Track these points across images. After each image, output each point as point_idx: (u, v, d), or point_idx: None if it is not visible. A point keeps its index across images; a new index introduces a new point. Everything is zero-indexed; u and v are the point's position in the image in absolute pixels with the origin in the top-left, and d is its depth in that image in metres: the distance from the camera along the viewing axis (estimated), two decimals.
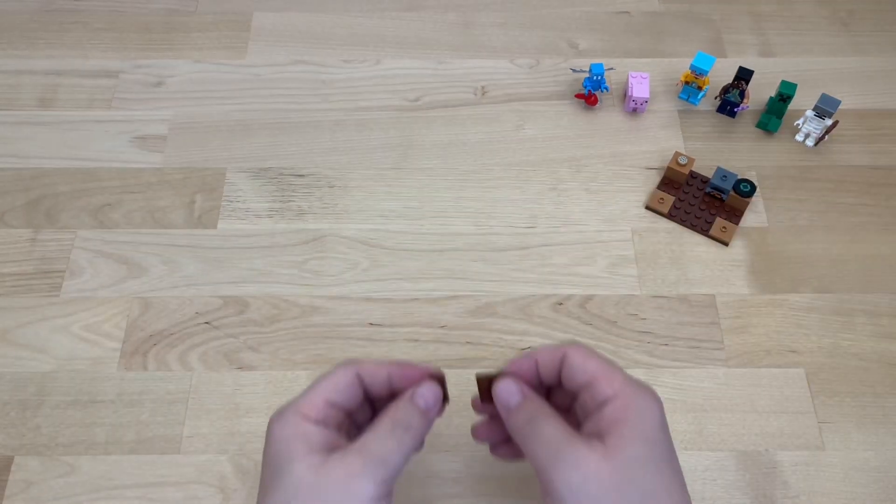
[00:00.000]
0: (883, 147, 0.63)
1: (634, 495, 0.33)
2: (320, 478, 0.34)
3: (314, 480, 0.34)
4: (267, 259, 0.58)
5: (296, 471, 0.34)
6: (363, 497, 0.33)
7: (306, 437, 0.35)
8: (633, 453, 0.34)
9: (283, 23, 0.71)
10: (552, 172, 0.62)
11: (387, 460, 0.35)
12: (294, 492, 0.34)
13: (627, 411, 0.35)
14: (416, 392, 0.37)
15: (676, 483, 0.35)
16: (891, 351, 0.54)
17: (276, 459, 0.35)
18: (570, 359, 0.37)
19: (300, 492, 0.34)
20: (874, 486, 0.49)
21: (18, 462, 0.50)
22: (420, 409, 0.37)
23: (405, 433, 0.36)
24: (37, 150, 0.63)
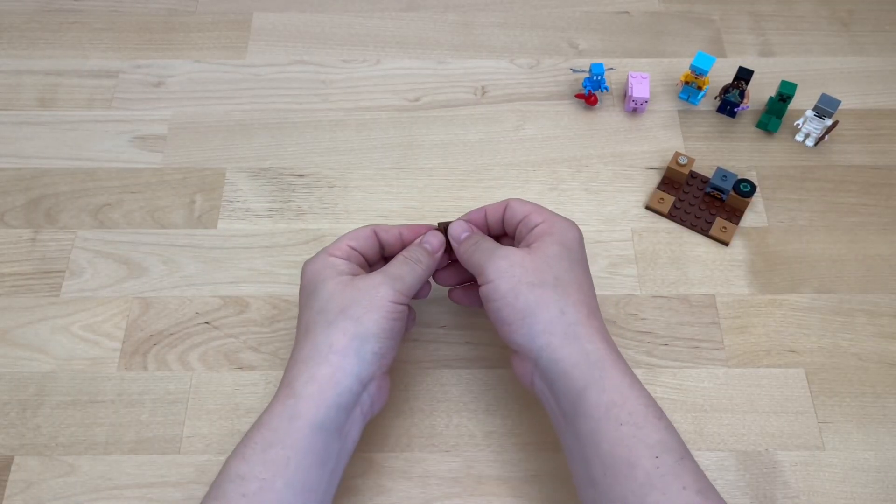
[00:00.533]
0: (883, 147, 0.63)
1: (549, 276, 0.42)
2: (348, 288, 0.43)
3: (344, 290, 0.43)
4: (267, 259, 0.58)
5: (328, 286, 0.43)
6: (384, 298, 0.42)
7: (334, 266, 0.44)
8: (552, 251, 0.43)
9: (283, 23, 0.71)
10: (552, 172, 0.62)
11: (403, 277, 0.44)
12: (328, 297, 0.43)
13: (552, 228, 0.45)
14: (424, 238, 0.47)
15: (585, 278, 0.44)
16: (891, 351, 0.54)
17: (309, 285, 0.44)
18: (510, 204, 0.47)
19: (333, 297, 0.43)
20: (874, 486, 0.49)
21: (18, 462, 0.50)
22: (427, 250, 0.46)
23: (416, 264, 0.45)
24: (37, 150, 0.63)
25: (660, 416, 0.39)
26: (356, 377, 0.41)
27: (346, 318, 0.42)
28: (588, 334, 0.41)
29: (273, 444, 0.39)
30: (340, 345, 0.41)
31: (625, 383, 0.40)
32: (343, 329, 0.42)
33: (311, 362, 0.41)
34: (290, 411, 0.40)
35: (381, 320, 0.42)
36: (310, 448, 0.40)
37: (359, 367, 0.41)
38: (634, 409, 0.39)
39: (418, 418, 0.51)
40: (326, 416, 0.40)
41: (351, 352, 0.41)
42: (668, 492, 0.37)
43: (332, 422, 0.41)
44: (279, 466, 0.39)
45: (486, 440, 0.51)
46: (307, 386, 0.41)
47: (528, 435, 0.51)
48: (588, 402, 0.39)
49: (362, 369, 0.41)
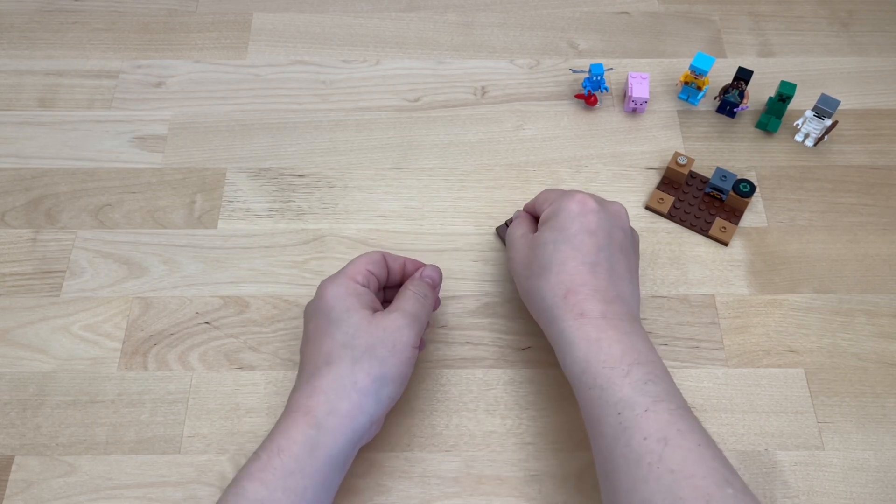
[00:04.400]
0: (882, 147, 0.63)
1: (535, 266, 0.47)
2: (373, 326, 0.44)
3: (369, 327, 0.44)
4: (267, 259, 0.58)
5: (354, 319, 0.44)
6: (407, 343, 0.44)
7: (358, 295, 0.45)
8: (541, 238, 0.47)
9: (283, 23, 0.71)
10: (552, 172, 0.62)
11: (419, 317, 0.46)
12: (354, 333, 0.44)
13: (551, 212, 0.48)
14: (423, 273, 0.50)
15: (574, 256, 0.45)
16: (890, 351, 0.54)
17: (333, 311, 0.45)
18: (540, 194, 0.52)
19: (360, 333, 0.44)
20: (873, 486, 0.49)
21: (19, 462, 0.50)
22: (428, 284, 0.49)
23: (424, 299, 0.48)
24: (37, 151, 0.63)
25: (626, 373, 0.41)
26: (370, 417, 0.43)
27: (371, 357, 0.43)
28: (562, 314, 0.44)
29: (294, 473, 0.40)
30: (363, 384, 0.43)
31: (591, 350, 0.42)
32: (368, 369, 0.43)
33: (334, 395, 0.42)
34: (312, 442, 0.41)
35: (402, 366, 0.44)
36: (324, 478, 0.41)
37: (374, 407, 0.43)
38: (598, 373, 0.42)
39: (418, 418, 0.51)
40: (342, 450, 0.42)
41: (371, 392, 0.43)
42: (631, 443, 0.39)
43: (344, 455, 0.42)
44: (297, 495, 0.40)
45: (486, 440, 0.51)
46: (329, 418, 0.42)
47: (528, 435, 0.51)
48: (569, 372, 0.44)
49: (376, 410, 0.43)
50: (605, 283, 0.45)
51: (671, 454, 0.38)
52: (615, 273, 0.46)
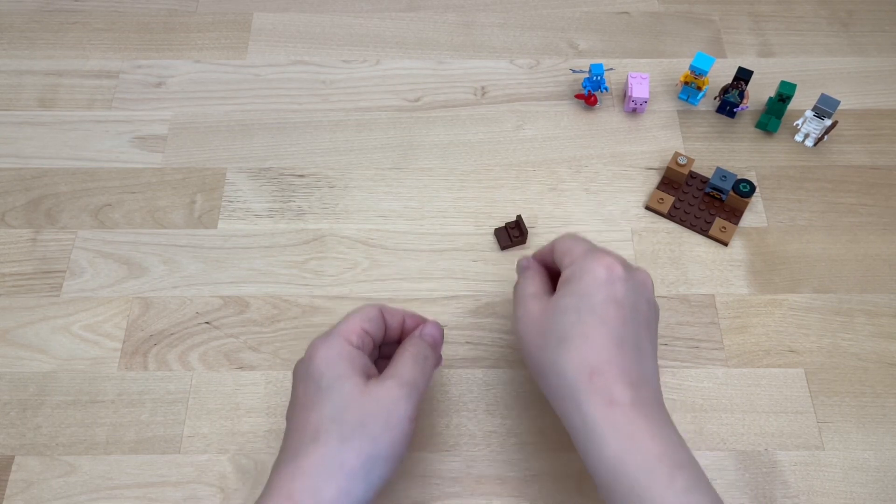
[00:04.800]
0: (882, 147, 0.63)
1: (552, 339, 0.40)
2: (365, 397, 0.40)
3: (361, 399, 0.39)
4: (267, 259, 0.58)
5: (345, 388, 0.40)
6: (403, 416, 0.40)
7: (351, 358, 0.41)
8: (561, 304, 0.41)
9: (283, 23, 0.71)
10: (552, 172, 0.62)
11: (417, 385, 0.41)
12: (344, 405, 0.39)
13: (573, 274, 0.42)
14: (424, 331, 0.45)
15: (599, 330, 0.40)
16: (890, 351, 0.54)
17: (323, 377, 0.40)
18: (556, 245, 0.46)
19: (350, 405, 0.39)
20: (873, 486, 0.49)
21: (19, 462, 0.50)
22: (429, 343, 0.44)
23: (425, 362, 0.43)
24: (37, 151, 0.63)
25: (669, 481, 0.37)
26: (359, 501, 0.39)
27: (362, 434, 0.39)
28: (586, 398, 0.39)
29: None
30: (352, 466, 0.38)
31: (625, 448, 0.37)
32: (358, 449, 0.39)
33: (319, 478, 0.38)
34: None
35: (396, 444, 0.40)
36: None
37: (364, 492, 0.39)
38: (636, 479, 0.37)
39: (418, 418, 0.51)
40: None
41: (360, 475, 0.39)
42: None
43: None
44: None
45: (486, 440, 0.51)
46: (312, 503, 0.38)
47: (528, 435, 0.51)
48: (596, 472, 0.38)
49: (367, 493, 0.39)
50: (631, 363, 0.40)
51: None
52: (641, 351, 0.41)
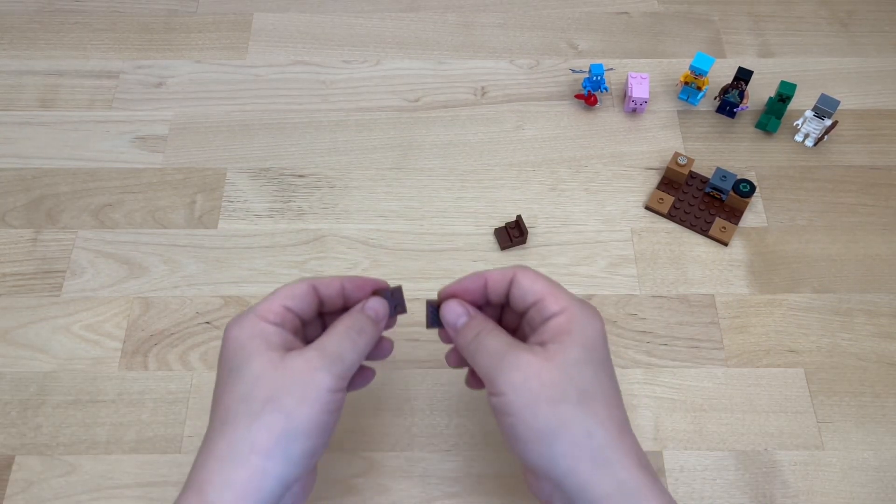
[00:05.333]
0: (882, 147, 0.63)
1: (572, 391, 0.35)
2: (279, 371, 0.36)
3: (274, 373, 0.36)
4: (267, 259, 0.58)
5: (255, 365, 0.36)
6: (321, 388, 0.36)
7: (265, 335, 0.37)
8: (573, 356, 0.36)
9: (283, 23, 0.71)
10: (552, 172, 0.62)
11: (343, 357, 0.37)
12: (254, 382, 0.36)
13: (571, 323, 0.37)
14: (367, 304, 0.40)
15: (611, 387, 0.37)
16: (890, 351, 0.54)
17: (234, 357, 0.37)
18: (518, 280, 0.39)
19: (260, 381, 0.36)
20: (873, 486, 0.49)
21: (19, 461, 0.50)
22: (370, 317, 0.40)
23: (358, 335, 0.38)
24: (38, 151, 0.63)
25: None
26: (280, 481, 0.35)
27: (273, 410, 0.35)
28: (620, 459, 0.35)
29: None
30: (264, 445, 0.35)
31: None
32: (269, 425, 0.35)
33: (228, 463, 0.35)
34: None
35: (315, 415, 0.35)
36: None
37: (284, 469, 0.35)
38: None
39: (418, 418, 0.51)
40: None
41: (277, 453, 0.35)
42: None
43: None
44: None
45: (486, 440, 0.51)
46: (222, 493, 0.34)
47: None
48: None
49: (288, 472, 0.35)
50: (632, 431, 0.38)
51: None
52: None
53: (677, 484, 0.49)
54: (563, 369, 0.36)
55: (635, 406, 0.52)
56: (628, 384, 0.53)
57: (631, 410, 0.51)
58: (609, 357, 0.39)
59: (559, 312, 0.38)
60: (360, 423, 0.51)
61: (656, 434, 0.51)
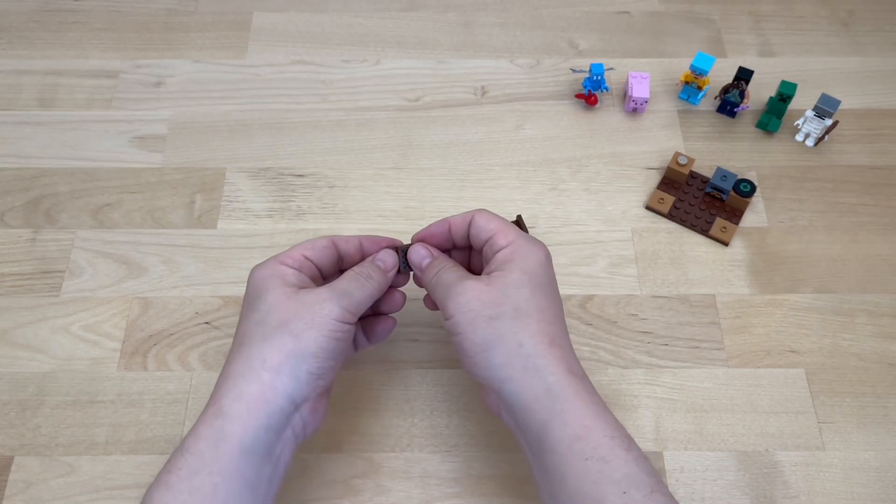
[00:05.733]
0: (883, 147, 0.63)
1: (508, 308, 0.40)
2: (291, 301, 0.40)
3: (287, 302, 0.40)
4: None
5: (271, 296, 0.41)
6: (329, 316, 0.40)
7: (282, 275, 0.42)
8: (511, 279, 0.41)
9: (283, 23, 0.71)
10: (552, 172, 0.62)
11: (351, 294, 0.42)
12: (268, 310, 0.40)
13: (514, 254, 0.42)
14: (377, 256, 0.45)
15: (548, 306, 0.41)
16: (891, 351, 0.54)
17: (253, 292, 0.42)
18: (475, 220, 0.44)
19: (274, 309, 0.40)
20: (874, 486, 0.49)
21: (18, 462, 0.50)
22: (379, 267, 0.44)
23: (367, 280, 0.43)
24: (37, 150, 0.63)
25: (628, 448, 0.38)
26: (288, 397, 0.39)
27: (284, 332, 0.39)
28: (549, 365, 0.39)
29: (199, 471, 0.37)
30: (274, 361, 0.39)
31: (589, 414, 0.38)
32: (280, 345, 0.39)
33: (241, 378, 0.39)
34: (217, 433, 0.37)
35: (322, 339, 0.39)
36: (239, 473, 0.37)
37: (292, 386, 0.39)
38: (600, 443, 0.37)
39: (418, 418, 0.51)
40: (256, 438, 0.38)
41: (285, 370, 0.39)
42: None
43: (261, 444, 0.38)
44: (206, 494, 0.36)
45: (486, 440, 0.51)
46: (235, 404, 0.38)
47: None
48: (552, 437, 0.38)
49: (296, 389, 0.39)
50: (570, 344, 0.42)
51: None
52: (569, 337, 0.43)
53: (678, 484, 0.49)
54: (502, 290, 0.40)
55: (635, 406, 0.52)
56: (628, 384, 0.52)
57: (631, 411, 0.51)
58: (552, 282, 0.43)
59: (506, 245, 0.42)
60: (360, 423, 0.51)
61: (657, 434, 0.51)
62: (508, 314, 0.40)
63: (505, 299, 0.40)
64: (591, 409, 0.38)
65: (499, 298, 0.40)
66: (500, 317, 0.40)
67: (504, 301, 0.40)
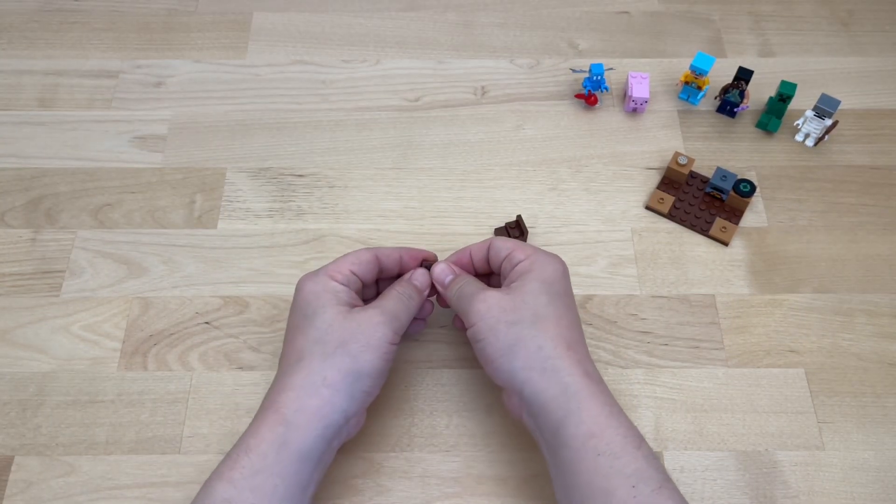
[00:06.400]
0: (883, 147, 0.63)
1: (527, 314, 0.43)
2: (348, 321, 0.43)
3: (344, 322, 0.43)
4: (267, 259, 0.58)
5: (327, 315, 0.44)
6: (383, 339, 0.43)
7: (335, 292, 0.45)
8: (530, 288, 0.44)
9: (283, 23, 0.71)
10: (552, 172, 0.62)
11: (398, 316, 0.45)
12: (326, 328, 0.43)
13: (533, 265, 0.45)
14: (413, 276, 0.49)
15: (565, 313, 0.44)
16: (891, 351, 0.54)
17: (307, 308, 0.44)
18: (493, 243, 0.48)
19: (332, 329, 0.43)
20: (874, 486, 0.49)
21: (18, 462, 0.50)
22: (416, 286, 0.48)
23: (409, 300, 0.47)
24: (37, 150, 0.63)
25: (638, 445, 0.40)
26: (343, 413, 0.42)
27: (343, 353, 0.43)
28: (566, 367, 0.42)
29: (261, 471, 0.40)
30: (334, 380, 0.42)
31: (603, 413, 0.41)
32: (339, 365, 0.42)
33: (303, 392, 0.42)
34: (280, 439, 0.41)
35: (377, 361, 0.43)
36: (296, 476, 0.41)
37: (347, 403, 0.42)
38: (612, 440, 0.40)
39: (418, 418, 0.51)
40: (312, 447, 0.41)
41: (343, 388, 0.42)
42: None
43: (315, 451, 0.42)
44: (266, 493, 0.40)
45: (485, 440, 0.51)
46: (297, 415, 0.41)
47: (528, 435, 0.51)
48: (567, 433, 0.40)
49: (350, 406, 0.43)
50: (586, 350, 0.45)
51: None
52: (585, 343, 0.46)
53: (678, 484, 0.49)
54: (521, 297, 0.44)
55: (635, 406, 0.52)
56: (628, 384, 0.53)
57: (631, 410, 0.51)
58: (569, 292, 0.46)
59: (524, 259, 0.46)
60: None
61: (657, 434, 0.51)
62: (528, 319, 0.43)
63: (524, 306, 0.43)
64: (605, 409, 0.41)
65: (518, 305, 0.43)
66: (519, 322, 0.43)
67: (523, 307, 0.43)
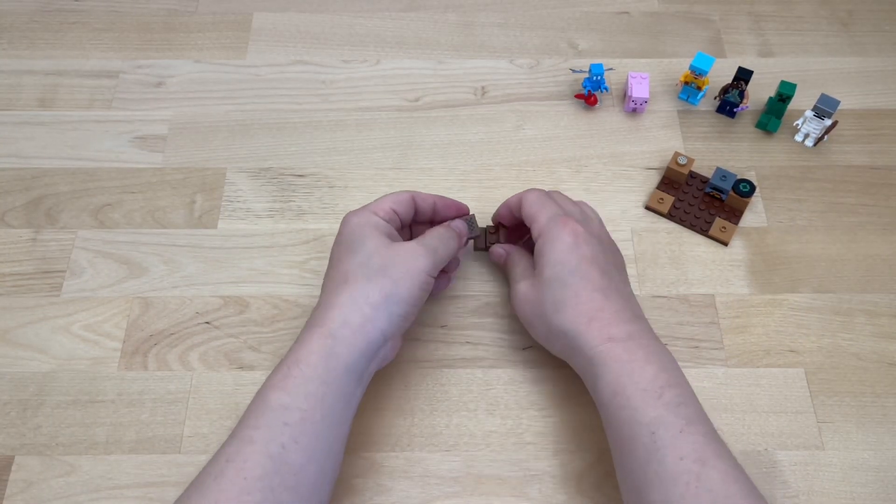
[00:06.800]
0: (882, 147, 0.63)
1: (548, 305, 0.47)
2: (390, 251, 0.46)
3: (386, 251, 0.46)
4: (267, 259, 0.58)
5: (370, 244, 0.47)
6: (421, 268, 0.46)
7: (378, 225, 0.48)
8: (544, 277, 0.47)
9: (283, 23, 0.71)
10: (552, 172, 0.62)
11: (437, 251, 0.48)
12: (370, 255, 0.46)
13: (544, 246, 0.48)
14: (453, 223, 0.52)
15: (585, 288, 0.46)
16: (890, 351, 0.54)
17: (351, 238, 0.47)
18: (523, 203, 0.51)
19: (375, 255, 0.46)
20: (873, 486, 0.49)
21: (19, 462, 0.50)
22: (456, 232, 0.51)
23: (448, 240, 0.50)
24: (37, 151, 0.63)
25: (659, 396, 0.42)
26: (382, 332, 0.45)
27: (384, 276, 0.45)
28: (587, 342, 0.45)
29: (313, 380, 0.43)
30: (376, 300, 0.45)
31: (624, 373, 0.43)
32: (381, 286, 0.45)
33: (347, 309, 0.45)
34: (328, 351, 0.43)
35: (414, 288, 0.46)
36: (342, 387, 0.43)
37: (386, 323, 0.45)
38: (632, 395, 0.43)
39: (418, 418, 0.51)
40: (356, 360, 0.44)
41: (382, 308, 0.45)
42: (665, 462, 0.40)
43: (359, 366, 0.44)
44: (317, 400, 0.42)
45: (486, 440, 0.51)
46: (342, 329, 0.44)
47: (528, 435, 0.51)
48: (598, 398, 0.45)
49: (388, 326, 0.45)
50: (620, 306, 0.46)
51: (709, 475, 0.39)
52: (623, 294, 0.47)
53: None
54: (541, 290, 0.48)
55: None
56: None
57: None
58: (580, 263, 0.47)
59: (538, 235, 0.49)
60: (360, 423, 0.51)
61: None
62: (550, 310, 0.47)
63: (544, 298, 0.47)
64: (626, 367, 0.44)
65: (540, 298, 0.48)
66: (544, 314, 0.47)
67: (544, 300, 0.47)
